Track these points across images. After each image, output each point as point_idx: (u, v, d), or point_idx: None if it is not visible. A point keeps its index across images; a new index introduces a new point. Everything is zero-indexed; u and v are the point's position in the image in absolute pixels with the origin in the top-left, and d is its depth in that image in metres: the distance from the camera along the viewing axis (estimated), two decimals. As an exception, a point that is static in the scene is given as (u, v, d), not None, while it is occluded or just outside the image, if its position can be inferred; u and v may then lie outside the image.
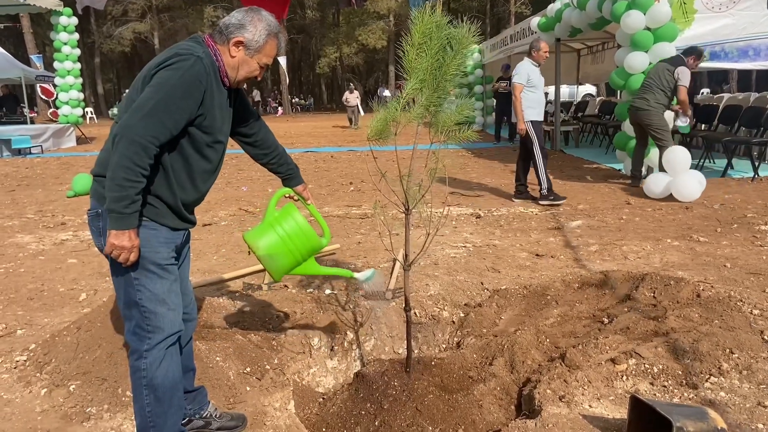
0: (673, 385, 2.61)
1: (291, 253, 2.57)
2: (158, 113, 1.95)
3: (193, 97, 2.03)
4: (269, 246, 2.54)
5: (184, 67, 2.00)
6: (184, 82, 1.99)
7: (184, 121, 2.04)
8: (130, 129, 1.93)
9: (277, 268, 2.59)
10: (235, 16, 2.17)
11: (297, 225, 2.57)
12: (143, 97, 1.97)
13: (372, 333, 3.56)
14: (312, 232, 2.60)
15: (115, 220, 1.95)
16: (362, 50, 42.79)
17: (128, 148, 1.92)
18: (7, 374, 3.01)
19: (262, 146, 2.55)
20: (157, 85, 1.98)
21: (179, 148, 2.10)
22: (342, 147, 15.12)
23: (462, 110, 2.57)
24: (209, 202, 7.55)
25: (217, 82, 2.14)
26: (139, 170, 1.94)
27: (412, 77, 2.50)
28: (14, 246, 5.66)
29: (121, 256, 1.99)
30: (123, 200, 1.93)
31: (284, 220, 2.58)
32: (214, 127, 2.16)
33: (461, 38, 2.45)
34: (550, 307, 3.69)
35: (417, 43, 2.47)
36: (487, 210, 6.70)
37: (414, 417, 2.72)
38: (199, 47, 2.10)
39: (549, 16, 11.37)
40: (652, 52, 7.76)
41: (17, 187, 9.57)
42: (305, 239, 2.59)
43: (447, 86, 2.49)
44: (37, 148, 15.38)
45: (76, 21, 16.94)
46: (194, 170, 2.16)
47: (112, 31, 39.05)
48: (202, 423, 2.50)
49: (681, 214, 6.04)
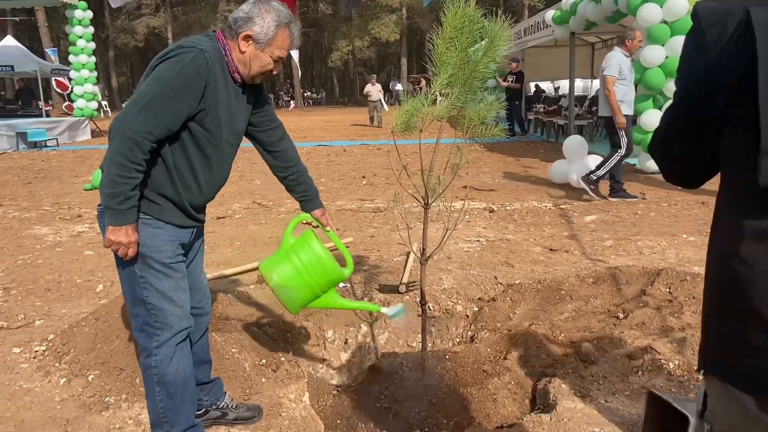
0: (689, 381, 2.60)
1: (308, 285, 2.38)
2: (154, 107, 1.89)
3: (192, 92, 1.95)
4: (284, 278, 2.35)
5: (184, 60, 1.93)
6: (182, 76, 1.92)
7: (183, 116, 1.97)
8: (125, 123, 1.89)
9: (294, 301, 2.41)
10: (242, 9, 2.08)
11: (315, 256, 2.37)
12: (141, 91, 1.93)
13: (386, 326, 3.57)
14: (332, 262, 2.40)
15: (111, 216, 1.92)
16: (374, 44, 42.72)
17: (122, 144, 1.87)
18: (27, 364, 3.05)
19: (282, 159, 2.42)
20: (155, 78, 1.93)
21: (181, 144, 2.03)
22: (354, 141, 15.12)
23: (492, 107, 2.49)
24: (223, 195, 7.56)
25: (225, 77, 2.06)
26: (133, 166, 1.88)
27: (441, 71, 2.41)
28: (32, 238, 5.72)
29: (119, 251, 1.97)
30: (117, 196, 1.89)
31: (301, 249, 2.39)
32: (219, 125, 2.07)
33: (495, 33, 2.35)
34: (565, 302, 3.68)
35: (448, 36, 2.37)
36: (501, 204, 6.68)
37: (428, 410, 2.73)
38: (207, 41, 2.04)
39: (564, 9, 11.27)
40: (669, 46, 7.68)
41: (33, 179, 9.67)
42: (324, 271, 2.38)
43: (476, 83, 2.40)
44: (53, 141, 15.54)
45: (90, 15, 17.05)
46: (197, 169, 2.09)
47: (126, 25, 39.25)
48: (219, 414, 2.52)
49: (697, 210, 5.99)
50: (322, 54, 50.94)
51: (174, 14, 39.69)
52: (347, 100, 48.79)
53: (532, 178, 8.48)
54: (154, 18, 38.98)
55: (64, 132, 16.37)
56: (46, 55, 22.85)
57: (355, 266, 4.30)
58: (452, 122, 2.63)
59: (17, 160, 12.55)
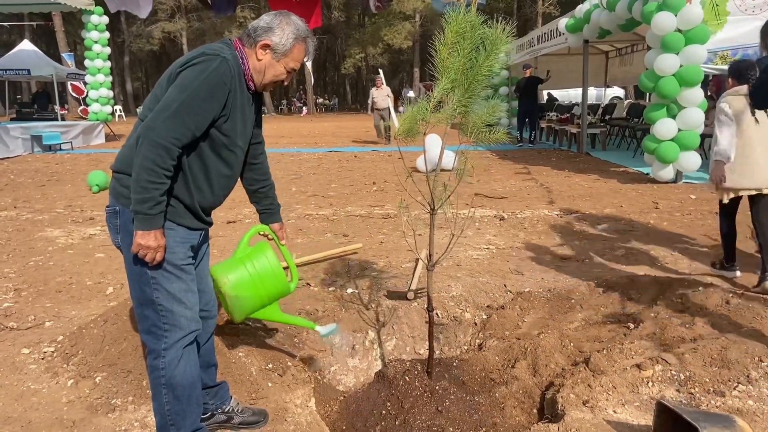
0: (700, 393, 2.56)
1: (258, 293, 2.47)
2: (181, 114, 1.95)
3: (217, 98, 2.02)
4: (237, 283, 2.42)
5: (210, 68, 1.99)
6: (208, 83, 1.98)
7: (208, 122, 2.03)
8: (153, 131, 1.94)
9: (241, 307, 2.49)
10: (263, 19, 2.16)
11: (269, 265, 2.46)
12: (167, 98, 1.97)
13: (393, 333, 3.56)
14: (282, 274, 2.50)
15: (140, 221, 1.96)
16: (387, 51, 42.83)
17: (151, 150, 1.93)
18: (35, 365, 3.07)
19: (259, 172, 2.49)
20: (181, 85, 1.98)
21: (198, 149, 2.09)
22: (365, 147, 15.14)
23: (493, 111, 2.52)
24: (233, 199, 7.58)
25: (242, 85, 2.13)
26: (163, 171, 1.94)
27: (443, 77, 2.46)
28: (44, 240, 5.77)
29: (148, 256, 2.00)
30: (148, 201, 1.94)
31: (256, 257, 2.47)
32: (235, 131, 2.14)
33: (495, 39, 2.41)
34: (575, 311, 3.65)
35: (450, 42, 2.43)
36: (511, 212, 6.65)
37: (435, 418, 2.70)
38: (227, 49, 2.10)
39: (577, 17, 11.24)
40: (683, 55, 7.63)
41: (47, 182, 9.76)
42: (275, 281, 2.48)
43: (478, 87, 2.45)
44: (67, 145, 15.70)
45: (106, 20, 17.24)
46: (211, 173, 2.14)
47: (142, 30, 39.68)
48: (224, 417, 2.52)
49: (710, 219, 5.92)
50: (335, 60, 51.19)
51: (189, 20, 40.05)
52: (359, 106, 48.87)
53: (544, 186, 8.43)
54: (170, 23, 39.37)
55: (79, 135, 16.54)
56: (63, 60, 23.17)
57: (365, 272, 4.30)
58: (457, 128, 2.63)
59: (32, 162, 12.69)
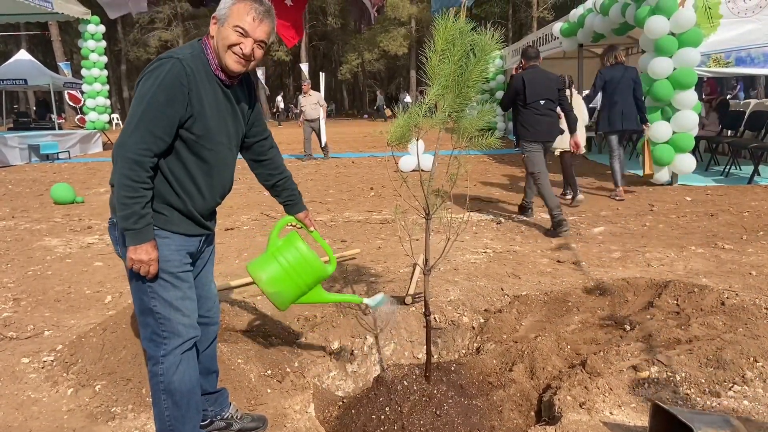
0: (695, 393, 2.58)
1: (295, 283, 2.53)
2: (145, 124, 1.95)
3: (177, 100, 1.99)
4: (272, 278, 2.49)
5: (163, 72, 1.98)
6: (164, 88, 1.97)
7: (174, 126, 2.02)
8: (122, 147, 1.96)
9: (282, 299, 2.55)
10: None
11: (300, 255, 2.52)
12: (130, 112, 2.00)
13: (392, 338, 3.57)
14: (316, 260, 2.55)
15: (129, 237, 1.98)
16: (384, 56, 42.92)
17: (123, 166, 1.95)
18: (35, 374, 3.08)
19: (271, 167, 2.51)
20: (139, 96, 1.99)
21: (175, 153, 2.08)
22: (363, 153, 15.17)
23: (484, 116, 2.56)
24: (231, 206, 7.63)
25: (209, 79, 2.10)
26: (138, 185, 1.96)
27: (434, 83, 2.49)
28: (42, 249, 5.78)
29: (141, 270, 2.02)
30: (131, 217, 1.96)
31: (287, 249, 2.53)
32: (208, 128, 2.10)
33: (484, 45, 2.44)
34: (571, 314, 3.67)
35: (440, 49, 2.46)
36: (508, 216, 6.68)
37: (433, 422, 2.72)
38: (187, 48, 2.09)
39: (572, 22, 11.30)
40: (677, 58, 7.68)
41: (45, 191, 9.76)
42: (309, 269, 2.54)
43: (470, 92, 2.48)
44: (65, 154, 15.72)
45: (103, 29, 17.29)
46: (195, 175, 2.13)
47: (139, 38, 39.72)
48: (224, 424, 2.53)
49: (706, 221, 5.95)
50: (332, 67, 51.23)
51: (186, 28, 40.11)
52: (356, 112, 49.00)
53: (540, 189, 8.45)
54: (167, 32, 39.42)
55: (76, 144, 16.56)
56: (59, 69, 23.18)
57: (362, 277, 4.32)
58: (449, 133, 2.66)
59: (29, 172, 12.69)
